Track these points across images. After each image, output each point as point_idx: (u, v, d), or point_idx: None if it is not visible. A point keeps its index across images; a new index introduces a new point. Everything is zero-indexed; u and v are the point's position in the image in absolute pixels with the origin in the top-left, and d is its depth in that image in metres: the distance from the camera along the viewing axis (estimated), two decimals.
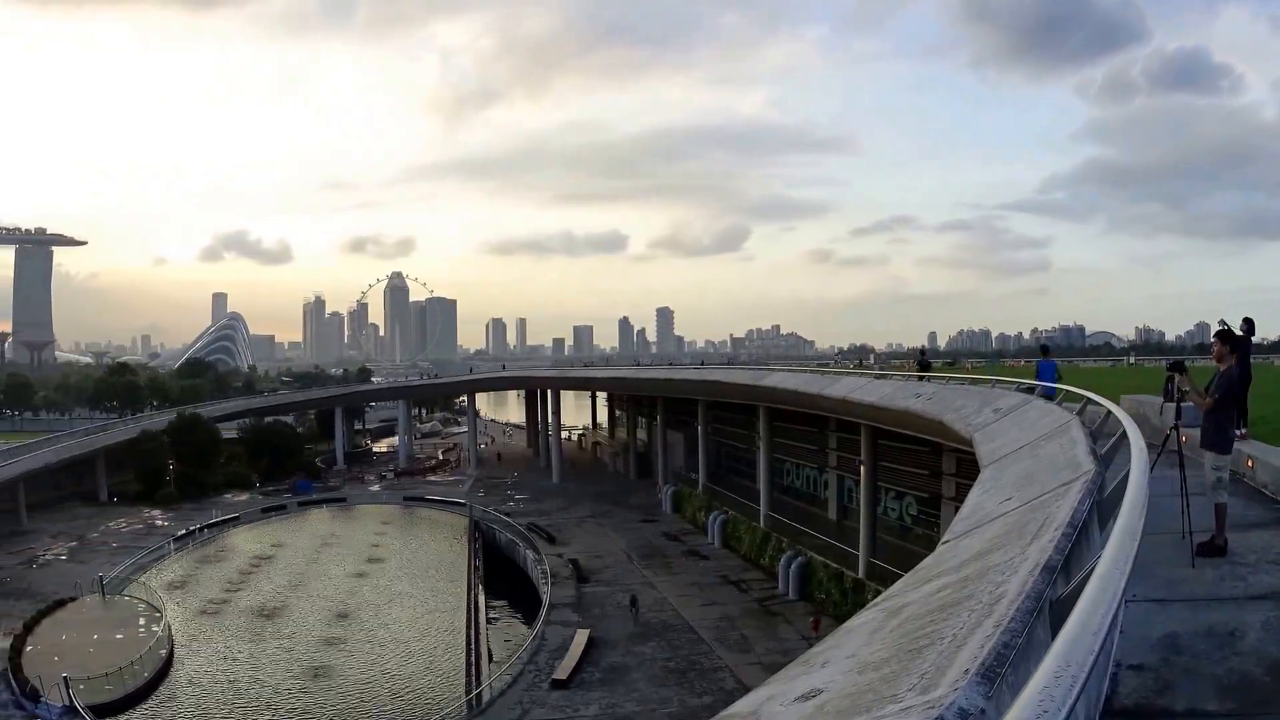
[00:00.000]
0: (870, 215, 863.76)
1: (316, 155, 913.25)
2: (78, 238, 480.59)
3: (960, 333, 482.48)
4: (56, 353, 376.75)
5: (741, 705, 3.76)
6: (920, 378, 31.94)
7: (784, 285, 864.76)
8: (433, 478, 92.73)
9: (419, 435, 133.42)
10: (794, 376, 46.58)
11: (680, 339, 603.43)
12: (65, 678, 34.23)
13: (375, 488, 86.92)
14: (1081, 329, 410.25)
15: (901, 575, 6.54)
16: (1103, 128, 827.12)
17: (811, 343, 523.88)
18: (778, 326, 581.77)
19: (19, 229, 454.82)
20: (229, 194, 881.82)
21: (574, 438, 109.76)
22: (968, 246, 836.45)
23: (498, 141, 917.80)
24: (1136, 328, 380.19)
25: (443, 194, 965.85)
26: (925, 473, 35.66)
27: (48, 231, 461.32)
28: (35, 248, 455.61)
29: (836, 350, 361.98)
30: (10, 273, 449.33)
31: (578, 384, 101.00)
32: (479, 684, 34.70)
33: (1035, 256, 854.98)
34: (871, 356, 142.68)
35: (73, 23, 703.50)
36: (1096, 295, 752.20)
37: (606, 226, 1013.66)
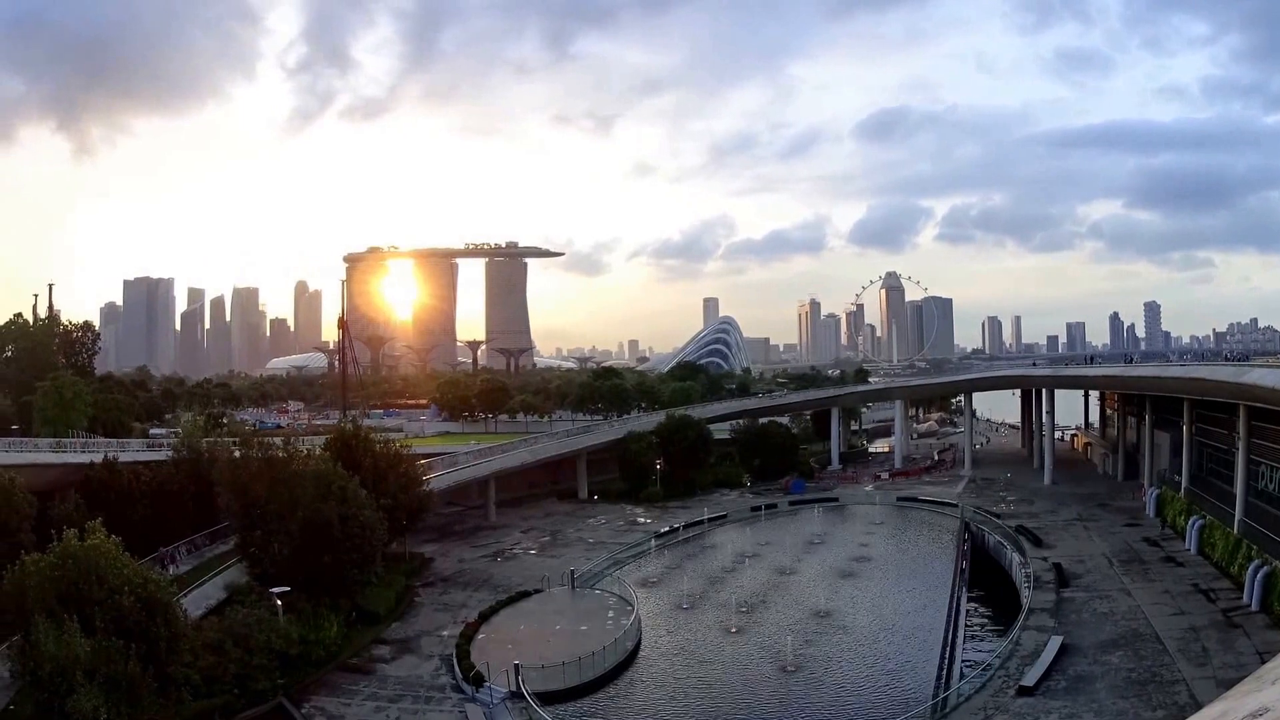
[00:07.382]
0: None
1: None
2: (553, 249, 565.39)
3: None
4: (535, 358, 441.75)
5: None
6: None
7: None
8: (927, 478, 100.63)
9: (915, 435, 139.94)
10: (1273, 373, 48.99)
11: (1167, 334, 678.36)
12: (516, 664, 39.90)
13: (869, 488, 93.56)
14: None
15: None
16: None
17: None
18: (1255, 319, 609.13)
19: (488, 244, 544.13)
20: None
21: (1066, 437, 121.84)
22: None
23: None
24: None
25: None
26: None
27: (520, 245, 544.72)
28: (508, 261, 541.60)
29: None
30: (480, 288, 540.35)
31: (1069, 382, 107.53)
32: (948, 687, 38.16)
33: None
34: None
35: None
36: None
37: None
